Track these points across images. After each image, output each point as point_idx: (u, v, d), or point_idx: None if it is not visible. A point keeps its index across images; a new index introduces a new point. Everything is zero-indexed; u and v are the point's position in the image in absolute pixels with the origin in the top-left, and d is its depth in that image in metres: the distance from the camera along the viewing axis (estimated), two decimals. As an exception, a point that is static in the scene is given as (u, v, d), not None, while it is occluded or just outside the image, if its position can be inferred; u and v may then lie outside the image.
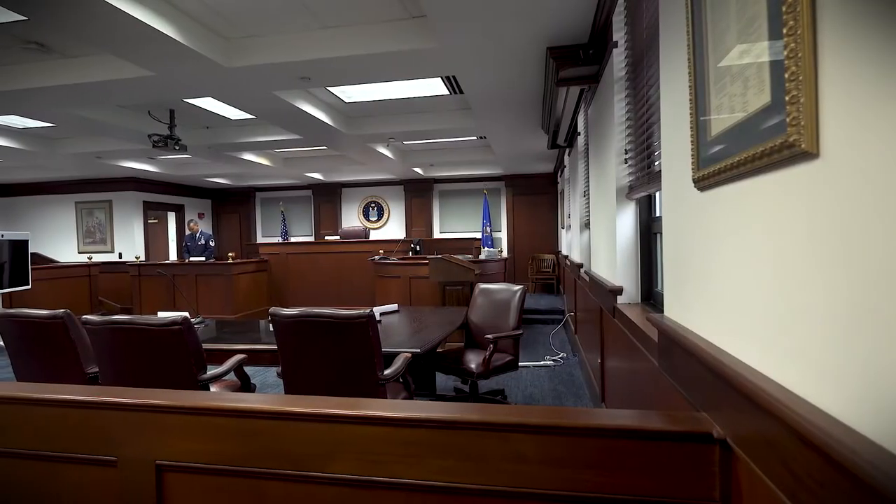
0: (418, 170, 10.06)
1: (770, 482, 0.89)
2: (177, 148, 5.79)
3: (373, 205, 11.85)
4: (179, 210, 11.73)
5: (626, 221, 2.59)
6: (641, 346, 1.98)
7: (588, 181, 4.22)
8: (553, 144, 5.94)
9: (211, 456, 1.46)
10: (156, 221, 11.38)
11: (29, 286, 7.07)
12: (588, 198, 4.25)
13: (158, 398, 1.52)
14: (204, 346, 2.54)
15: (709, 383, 1.17)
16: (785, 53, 0.81)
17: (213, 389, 2.76)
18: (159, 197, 11.00)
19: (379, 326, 2.60)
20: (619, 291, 2.54)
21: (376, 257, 7.18)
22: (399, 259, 7.23)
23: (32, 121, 6.08)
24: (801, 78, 0.78)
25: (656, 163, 2.11)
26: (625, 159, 2.58)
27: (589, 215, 4.16)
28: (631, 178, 2.55)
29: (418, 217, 11.34)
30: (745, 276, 1.05)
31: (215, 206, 12.81)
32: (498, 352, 3.44)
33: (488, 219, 10.63)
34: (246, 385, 2.85)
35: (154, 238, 11.11)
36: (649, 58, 2.15)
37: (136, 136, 6.36)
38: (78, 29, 3.26)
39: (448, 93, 5.54)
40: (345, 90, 5.48)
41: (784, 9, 0.81)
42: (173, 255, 11.52)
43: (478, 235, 10.52)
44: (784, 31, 0.81)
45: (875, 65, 0.64)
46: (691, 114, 1.30)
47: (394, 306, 4.23)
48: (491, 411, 1.35)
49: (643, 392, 2.10)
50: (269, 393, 4.19)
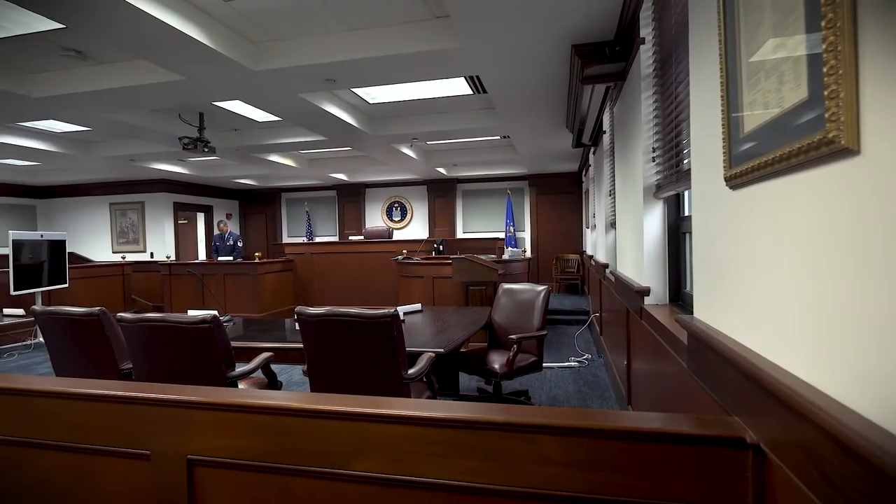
0: (441, 170, 10.08)
1: (807, 490, 0.86)
2: (206, 150, 5.93)
3: (396, 205, 11.91)
4: (208, 211, 12.00)
5: (654, 221, 2.54)
6: (669, 348, 1.94)
7: (614, 180, 4.16)
8: (577, 143, 5.88)
9: (240, 451, 1.49)
10: (185, 222, 11.67)
11: (66, 285, 7.34)
12: (614, 197, 4.19)
13: (190, 394, 1.56)
14: (232, 344, 2.59)
15: (741, 387, 1.14)
16: (823, 47, 0.78)
17: (241, 386, 2.81)
18: (189, 198, 11.28)
19: (402, 326, 2.61)
20: (647, 292, 2.50)
21: (400, 257, 7.22)
22: (422, 259, 7.26)
23: (70, 125, 6.30)
24: (841, 72, 0.75)
25: (685, 161, 2.07)
26: (652, 158, 2.54)
27: (615, 215, 4.10)
28: (658, 177, 2.50)
29: (441, 217, 11.36)
30: (780, 277, 1.02)
31: (242, 207, 13.07)
32: (522, 352, 3.42)
33: (512, 219, 10.57)
34: (273, 382, 2.90)
35: (184, 238, 11.39)
36: (678, 54, 2.11)
37: (167, 139, 6.53)
38: (113, 35, 3.37)
39: (471, 92, 5.54)
40: (369, 91, 5.52)
41: (823, 0, 0.78)
42: (202, 255, 11.79)
43: (501, 235, 10.47)
44: (823, 24, 0.78)
45: (921, 57, 0.61)
46: (723, 110, 1.27)
47: (417, 306, 4.25)
48: (516, 412, 1.35)
49: (671, 395, 2.06)
50: (296, 390, 4.25)
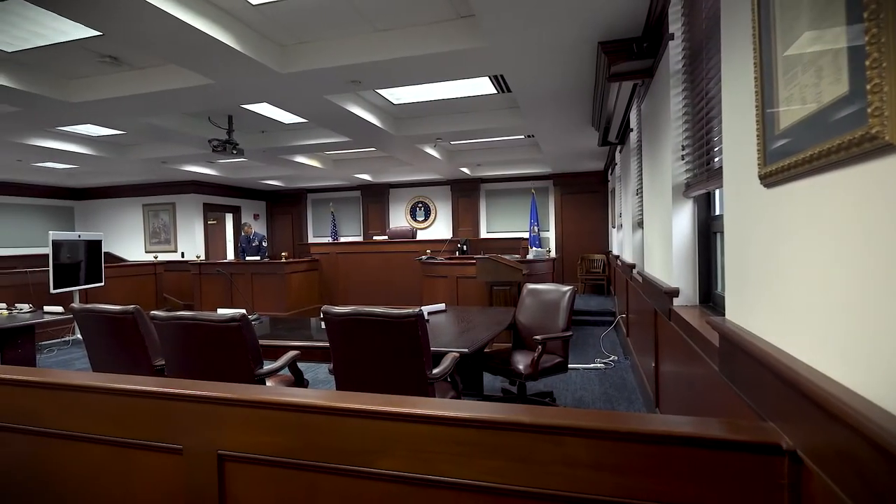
0: (465, 169, 10.07)
1: (847, 500, 0.83)
2: (234, 152, 6.05)
3: (420, 205, 11.95)
4: (236, 211, 12.26)
5: (683, 220, 2.49)
6: (700, 351, 1.90)
7: (641, 179, 4.09)
8: (604, 142, 5.80)
9: (268, 448, 1.51)
10: (214, 222, 11.94)
11: (102, 283, 7.59)
12: (641, 196, 4.11)
13: (221, 391, 1.59)
14: (259, 342, 2.64)
15: (777, 391, 1.11)
16: (866, 38, 0.75)
17: (269, 383, 2.86)
18: (218, 199, 11.54)
19: (427, 326, 2.62)
20: (676, 293, 2.45)
21: (423, 257, 7.24)
22: (446, 259, 7.26)
23: (105, 129, 6.52)
24: (885, 65, 0.72)
25: (716, 159, 2.02)
26: (681, 156, 2.48)
27: (642, 214, 4.03)
28: (688, 176, 2.45)
29: (465, 217, 11.35)
30: (818, 278, 0.99)
31: (269, 207, 13.30)
32: (546, 353, 3.39)
33: (536, 218, 10.49)
34: (299, 380, 2.94)
35: (213, 238, 11.66)
36: (709, 49, 2.06)
37: (198, 142, 6.70)
38: (147, 41, 3.46)
39: (496, 92, 5.52)
40: (393, 92, 5.55)
41: (865, -10, 0.75)
42: (230, 255, 12.05)
43: (525, 235, 10.40)
44: (865, 15, 0.75)
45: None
46: (757, 106, 1.24)
47: (441, 306, 4.25)
48: (542, 413, 1.33)
49: (701, 398, 2.01)
50: (322, 388, 4.30)
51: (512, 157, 9.16)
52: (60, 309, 5.09)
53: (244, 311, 2.54)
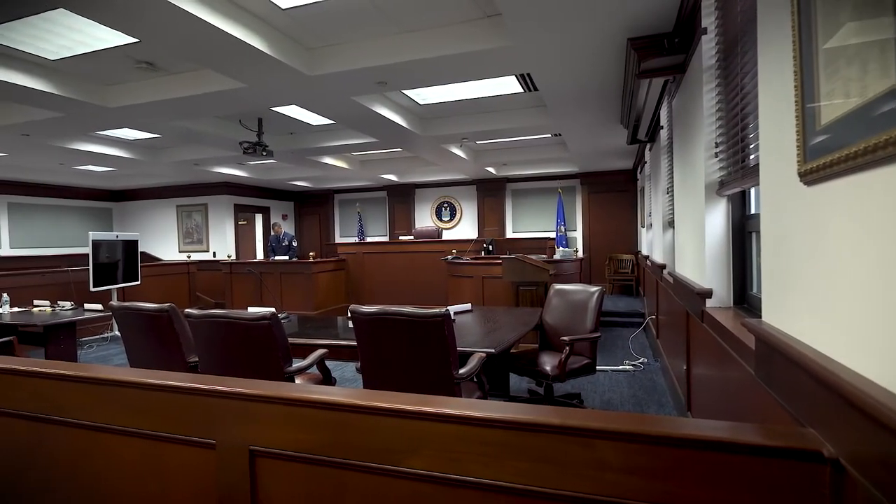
0: (491, 169, 10.04)
1: (896, 510, 0.79)
2: (264, 154, 6.17)
3: (445, 205, 11.97)
4: (265, 212, 12.51)
5: (717, 219, 2.42)
6: (734, 354, 1.85)
7: (672, 177, 4.00)
8: (633, 140, 5.70)
9: (298, 444, 1.54)
10: (245, 223, 12.20)
11: (138, 282, 7.85)
12: (672, 195, 4.03)
13: (253, 388, 1.62)
14: (288, 340, 2.68)
15: (818, 396, 1.07)
16: (917, 28, 0.72)
17: (298, 381, 2.91)
18: (248, 200, 11.79)
19: (453, 326, 2.62)
20: (709, 294, 2.39)
21: (449, 257, 7.25)
22: (472, 259, 7.26)
23: (142, 133, 6.74)
24: (939, 55, 0.68)
25: (752, 156, 1.96)
26: (715, 153, 2.42)
27: (673, 213, 3.94)
28: (722, 174, 2.38)
29: (491, 217, 11.32)
30: (862, 279, 0.95)
31: (297, 208, 13.53)
32: (574, 354, 3.35)
33: (563, 218, 10.38)
34: (327, 378, 2.98)
35: (243, 238, 11.92)
36: (744, 43, 2.00)
37: (229, 144, 6.86)
38: (182, 47, 3.57)
39: (522, 90, 5.48)
40: (419, 92, 5.57)
41: (917, -22, 0.71)
42: (259, 254, 12.30)
43: (552, 235, 10.30)
44: (916, 4, 0.72)
45: None
46: (796, 101, 1.19)
47: (467, 306, 4.25)
48: (571, 415, 1.32)
49: (736, 402, 1.96)
50: (349, 387, 4.35)
51: (538, 157, 9.08)
52: (100, 306, 5.29)
53: (274, 310, 2.59)
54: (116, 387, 1.83)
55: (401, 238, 9.83)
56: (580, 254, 9.68)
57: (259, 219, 12.58)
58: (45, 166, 8.41)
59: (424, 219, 12.12)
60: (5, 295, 5.41)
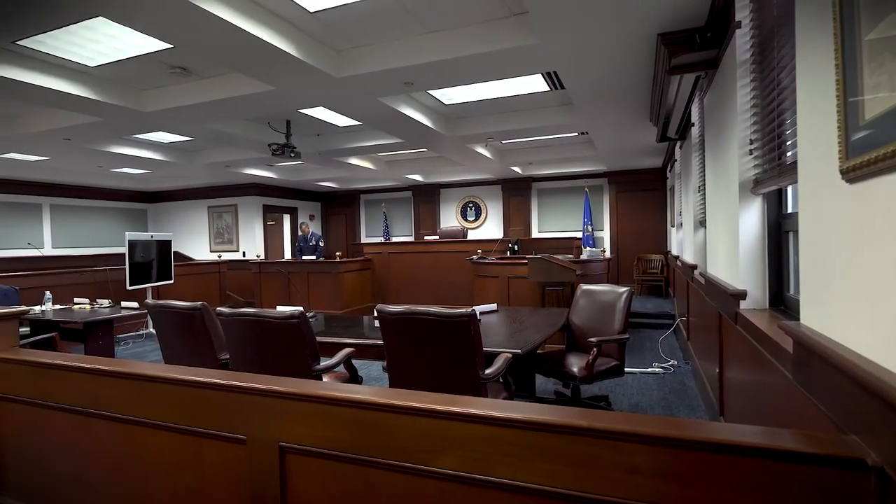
0: (517, 168, 9.98)
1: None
2: (292, 155, 6.28)
3: (470, 205, 11.95)
4: (293, 212, 12.71)
5: (751, 218, 2.35)
6: (771, 357, 1.79)
7: (703, 175, 3.90)
8: (663, 137, 5.58)
9: (326, 441, 1.56)
10: (273, 223, 12.43)
11: (172, 281, 8.08)
12: (703, 193, 3.93)
13: (283, 386, 1.65)
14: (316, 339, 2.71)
15: (860, 402, 1.03)
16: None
17: (325, 379, 2.95)
18: (276, 200, 12.00)
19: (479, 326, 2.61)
20: (743, 296, 2.32)
21: (474, 257, 7.24)
22: (497, 259, 7.23)
23: (175, 136, 6.93)
24: None
25: (789, 153, 1.90)
26: (749, 150, 2.35)
27: (704, 212, 3.85)
28: (757, 171, 2.31)
29: (516, 216, 11.25)
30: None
31: (324, 208, 13.71)
32: (602, 356, 3.30)
33: (590, 217, 10.24)
34: (354, 377, 3.01)
35: (271, 238, 12.14)
36: (780, 37, 1.94)
37: (258, 146, 6.99)
38: (213, 51, 3.65)
39: (548, 89, 5.43)
40: (444, 92, 5.58)
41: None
42: (287, 254, 12.51)
43: (578, 235, 10.17)
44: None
45: None
46: (838, 96, 1.15)
47: (493, 306, 4.23)
48: (600, 418, 1.30)
49: (772, 407, 1.90)
50: (375, 386, 4.39)
51: (565, 155, 8.98)
52: (136, 304, 5.46)
53: (302, 309, 2.63)
54: (153, 382, 1.89)
55: (426, 238, 9.86)
56: (608, 254, 9.54)
57: (287, 219, 12.79)
58: (85, 169, 8.74)
59: (449, 219, 12.13)
60: (48, 293, 5.64)
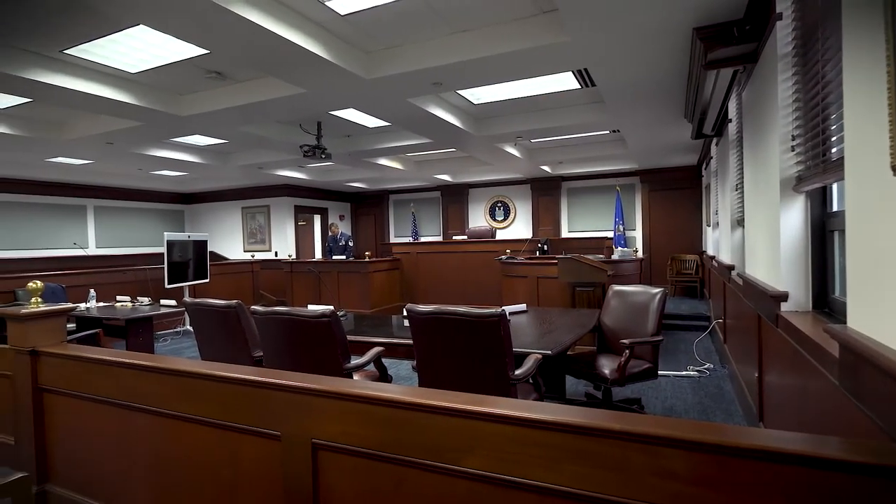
0: (546, 167, 9.88)
1: None
2: (323, 156, 6.38)
3: (499, 204, 11.90)
4: (323, 212, 12.92)
5: (793, 217, 2.26)
6: (814, 361, 1.72)
7: (741, 173, 3.78)
8: (698, 134, 5.43)
9: (358, 439, 1.57)
10: (304, 223, 12.65)
11: (208, 279, 8.31)
12: (741, 191, 3.81)
13: (316, 383, 1.68)
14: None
15: (916, 411, 0.97)
16: None
17: (356, 378, 2.98)
18: (307, 201, 12.22)
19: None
20: (784, 297, 2.24)
21: (503, 257, 7.20)
22: (526, 259, 7.17)
23: (211, 139, 7.13)
24: None
25: (835, 149, 1.82)
26: (791, 147, 2.26)
27: (742, 211, 3.73)
28: (800, 168, 2.22)
29: (545, 216, 11.14)
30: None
31: (353, 209, 13.88)
32: (634, 358, 3.24)
33: (621, 216, 10.06)
34: (384, 376, 3.03)
35: (302, 238, 12.36)
36: (825, 27, 1.86)
37: (290, 148, 7.13)
38: (248, 56, 3.74)
39: (579, 87, 5.36)
40: (473, 92, 5.57)
41: None
42: (318, 254, 12.71)
43: (609, 234, 10.01)
44: None
45: None
46: (889, 89, 1.10)
47: (522, 306, 4.20)
48: (634, 421, 1.27)
49: (815, 414, 1.82)
50: (405, 384, 4.41)
51: (595, 154, 8.84)
52: (174, 302, 5.65)
53: (333, 308, 2.66)
54: (191, 378, 1.94)
55: (454, 238, 9.86)
56: (640, 254, 9.36)
57: (317, 219, 13.01)
58: (126, 172, 9.09)
59: (478, 219, 12.11)
60: (92, 291, 5.88)
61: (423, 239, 12.28)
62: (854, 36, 1.39)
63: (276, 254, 11.41)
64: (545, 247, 8.79)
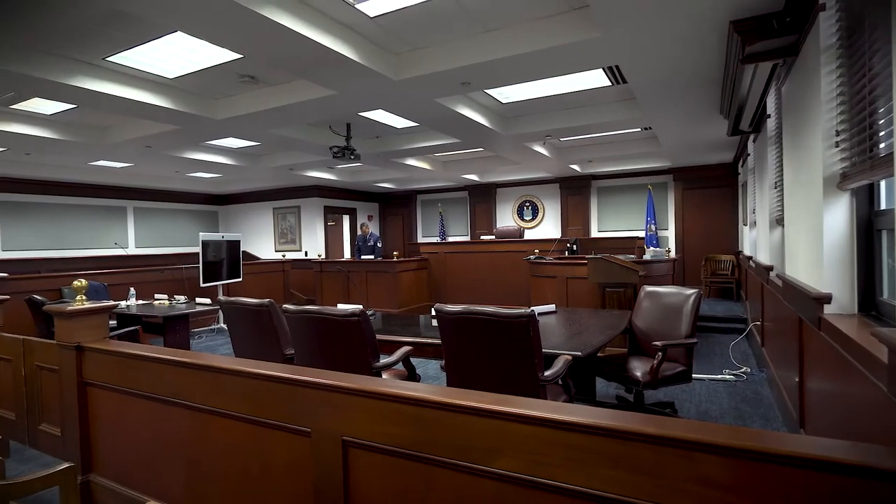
0: (575, 166, 9.75)
1: None
2: (352, 158, 6.45)
3: (527, 204, 11.81)
4: (352, 213, 13.07)
5: (838, 216, 2.17)
6: (861, 367, 1.65)
7: (781, 170, 3.65)
8: (734, 131, 5.26)
9: (388, 437, 1.58)
10: (333, 224, 12.83)
11: (241, 279, 8.51)
12: (780, 189, 3.67)
13: (346, 381, 1.70)
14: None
15: (975, 420, 0.92)
16: None
17: (384, 376, 3.00)
18: (336, 202, 12.39)
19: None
20: (827, 299, 2.15)
21: (532, 257, 7.14)
22: (555, 259, 7.10)
23: (243, 141, 7.30)
24: None
25: (882, 144, 1.74)
26: (835, 142, 2.17)
27: (782, 210, 3.59)
28: (844, 165, 2.13)
29: (574, 215, 10.99)
30: None
31: (382, 209, 14.00)
32: (667, 360, 3.16)
33: (653, 216, 9.83)
34: (412, 375, 3.05)
35: (331, 238, 12.54)
36: (872, 17, 1.78)
37: (320, 149, 7.24)
38: (280, 59, 3.82)
39: (610, 84, 5.27)
40: (501, 91, 5.54)
41: None
42: (346, 253, 12.87)
43: (641, 234, 9.80)
44: None
45: None
46: (946, 78, 1.03)
47: (551, 307, 4.15)
48: (669, 425, 1.24)
49: (861, 421, 1.74)
50: (433, 384, 4.42)
51: (626, 152, 8.68)
52: (209, 301, 5.80)
53: (362, 307, 2.68)
54: (226, 375, 1.99)
55: (482, 238, 9.83)
56: (672, 254, 9.15)
57: (346, 219, 13.17)
58: (164, 174, 9.40)
59: (506, 218, 12.05)
60: (132, 289, 6.10)
61: (451, 239, 12.29)
62: (905, 25, 1.33)
63: (306, 253, 11.60)
64: (574, 247, 8.67)
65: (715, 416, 3.72)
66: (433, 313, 2.69)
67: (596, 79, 5.13)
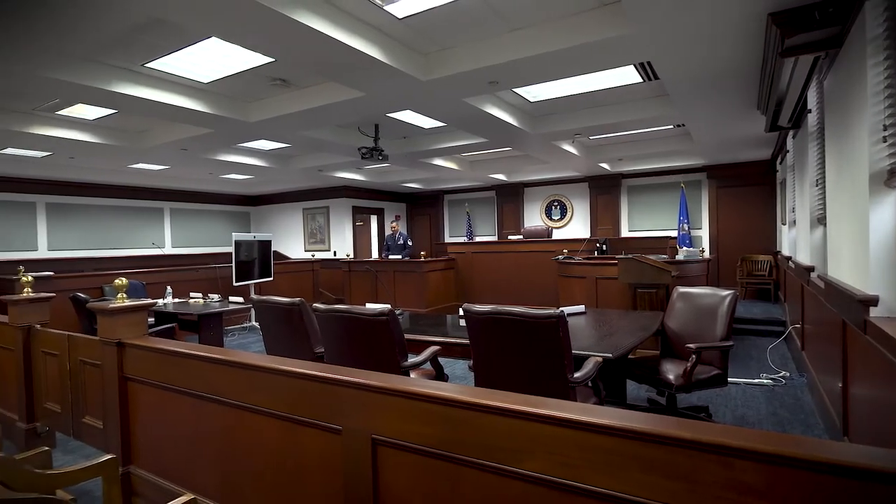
0: (605, 165, 9.60)
1: None
2: (380, 158, 6.50)
3: (555, 203, 11.69)
4: (380, 213, 13.19)
5: (885, 214, 2.07)
6: (911, 372, 1.57)
7: (822, 167, 3.51)
8: (772, 127, 5.08)
9: (417, 437, 1.59)
10: (361, 224, 12.96)
11: (272, 278, 8.69)
12: (822, 187, 3.53)
13: (375, 380, 1.71)
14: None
15: None
16: None
17: (412, 376, 3.01)
18: (364, 202, 12.52)
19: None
20: (874, 302, 2.05)
21: (560, 257, 7.06)
22: (584, 259, 7.00)
23: (274, 143, 7.45)
24: None
25: (935, 138, 1.65)
26: (883, 137, 2.07)
27: (824, 208, 3.46)
28: (892, 161, 2.03)
29: (604, 215, 10.82)
30: None
31: (409, 209, 14.07)
32: (701, 363, 3.08)
33: (686, 215, 9.58)
34: (440, 374, 3.05)
35: (360, 238, 12.67)
36: (924, 5, 1.69)
37: (348, 150, 7.33)
38: (311, 62, 3.88)
39: (641, 80, 5.16)
40: (529, 90, 5.50)
41: None
42: (374, 253, 12.98)
43: (673, 234, 9.57)
44: None
45: None
46: None
47: (580, 307, 4.09)
48: (706, 430, 1.20)
49: (912, 430, 1.66)
50: (461, 384, 4.42)
51: (658, 150, 8.49)
52: (241, 299, 5.94)
53: (390, 306, 2.70)
54: (258, 372, 2.03)
55: (509, 238, 9.78)
56: (706, 254, 8.91)
57: (374, 219, 13.29)
58: (198, 176, 9.67)
59: (533, 218, 11.95)
60: (169, 287, 6.30)
61: (478, 239, 12.26)
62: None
63: (335, 253, 11.75)
64: (604, 246, 8.54)
65: (752, 422, 3.60)
66: (461, 313, 2.69)
67: (627, 75, 5.04)
